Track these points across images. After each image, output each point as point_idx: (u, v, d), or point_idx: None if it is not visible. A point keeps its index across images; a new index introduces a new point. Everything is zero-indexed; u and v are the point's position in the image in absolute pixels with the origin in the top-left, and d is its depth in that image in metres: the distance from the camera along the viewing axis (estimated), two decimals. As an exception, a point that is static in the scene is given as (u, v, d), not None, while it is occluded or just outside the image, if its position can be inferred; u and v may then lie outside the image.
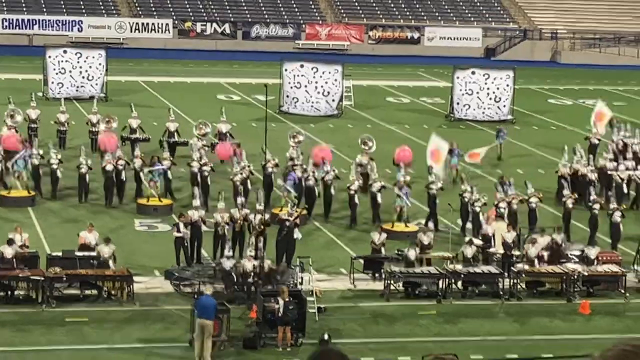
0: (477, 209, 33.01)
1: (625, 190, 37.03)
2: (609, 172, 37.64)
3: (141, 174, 35.80)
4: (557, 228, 31.11)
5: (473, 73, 53.30)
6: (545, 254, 29.60)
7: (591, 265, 29.55)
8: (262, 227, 29.04)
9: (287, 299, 24.79)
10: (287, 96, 52.48)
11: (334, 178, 35.49)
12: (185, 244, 29.52)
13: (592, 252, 29.98)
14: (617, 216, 32.41)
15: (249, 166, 35.69)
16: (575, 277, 28.71)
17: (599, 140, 42.36)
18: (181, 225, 29.47)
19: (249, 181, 35.10)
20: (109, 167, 35.52)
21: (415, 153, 39.08)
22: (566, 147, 39.31)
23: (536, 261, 29.25)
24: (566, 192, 34.42)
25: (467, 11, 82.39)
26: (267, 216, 29.89)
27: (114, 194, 35.53)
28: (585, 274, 28.95)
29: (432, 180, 34.29)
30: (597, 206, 33.18)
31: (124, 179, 35.77)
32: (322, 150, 38.52)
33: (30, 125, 42.68)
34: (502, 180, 35.04)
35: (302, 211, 31.66)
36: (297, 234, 29.98)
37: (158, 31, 76.07)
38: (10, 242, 27.80)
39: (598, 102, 46.22)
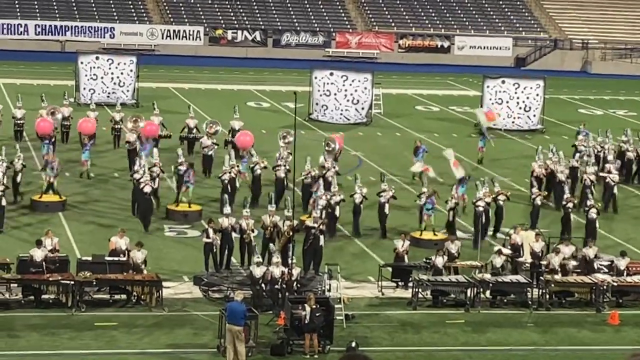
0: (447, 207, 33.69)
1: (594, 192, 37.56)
2: (585, 176, 37.87)
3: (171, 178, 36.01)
4: (589, 241, 31.00)
5: (503, 82, 53.25)
6: (570, 264, 29.47)
7: (620, 275, 29.45)
8: (290, 233, 28.99)
9: (313, 306, 24.81)
10: (317, 104, 52.58)
11: (262, 168, 36.79)
12: (215, 250, 29.55)
13: (622, 262, 29.87)
14: (592, 213, 33.43)
15: (237, 166, 36.43)
16: (605, 287, 28.62)
17: (585, 147, 42.45)
18: (210, 232, 29.53)
19: (236, 181, 35.94)
20: (147, 189, 33.46)
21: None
22: (541, 147, 40.25)
23: (560, 271, 29.15)
24: (535, 189, 35.29)
25: (497, 20, 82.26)
26: (295, 222, 29.85)
27: (151, 221, 33.84)
28: (615, 284, 28.85)
29: (479, 197, 33.80)
30: (570, 205, 34.05)
31: (158, 187, 35.85)
32: (244, 135, 38.83)
33: (63, 122, 44.11)
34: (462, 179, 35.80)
35: (326, 219, 31.63)
36: (321, 241, 29.99)
37: (189, 38, 76.40)
38: (39, 243, 27.94)
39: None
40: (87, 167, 39.08)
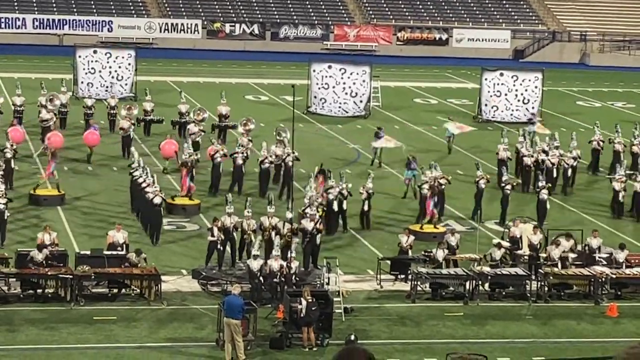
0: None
1: (555, 174, 39.10)
2: (543, 159, 39.40)
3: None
4: (592, 231, 31.06)
5: (501, 75, 53.25)
6: (570, 256, 29.54)
7: (619, 267, 29.46)
8: (290, 237, 28.80)
9: (309, 300, 24.79)
10: (315, 97, 52.56)
11: (222, 156, 37.09)
12: (219, 247, 29.29)
13: (621, 255, 29.89)
14: (543, 194, 34.63)
15: (196, 154, 36.71)
16: (603, 279, 28.63)
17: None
18: (215, 230, 29.36)
19: (193, 170, 36.19)
20: (157, 200, 32.00)
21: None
22: (506, 129, 41.95)
23: (559, 263, 29.18)
24: (479, 172, 35.90)
25: (495, 13, 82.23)
26: (295, 225, 29.73)
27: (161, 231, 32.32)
28: (613, 276, 28.86)
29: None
30: (508, 187, 35.13)
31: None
32: (169, 144, 38.93)
33: (61, 109, 45.23)
34: (411, 160, 37.22)
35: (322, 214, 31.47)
36: (318, 240, 29.82)
37: (187, 32, 76.35)
38: (41, 247, 27.81)
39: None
40: (56, 177, 35.99)
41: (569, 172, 39.34)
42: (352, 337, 24.50)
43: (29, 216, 33.89)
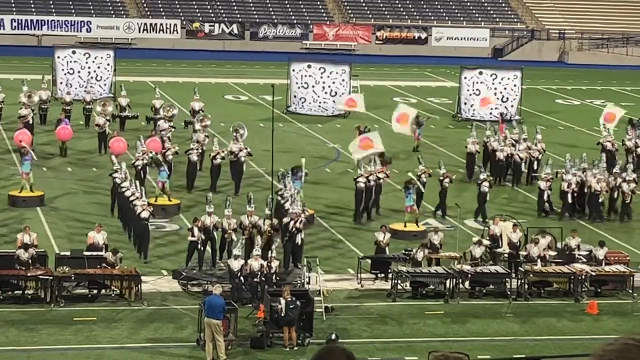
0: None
1: (523, 168, 40.19)
2: (512, 153, 40.47)
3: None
4: (572, 231, 31.13)
5: (480, 73, 53.35)
6: (547, 254, 29.62)
7: (599, 265, 29.56)
8: (270, 233, 28.82)
9: (288, 299, 24.77)
10: (295, 96, 52.54)
11: (174, 154, 37.63)
12: (200, 247, 29.20)
13: (600, 252, 30.00)
14: (484, 186, 35.26)
15: (150, 152, 36.82)
16: (583, 277, 28.73)
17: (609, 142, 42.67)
18: (195, 230, 29.29)
19: (147, 168, 36.34)
20: (145, 214, 30.49)
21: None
22: (475, 123, 43.17)
23: (539, 261, 29.25)
24: (421, 167, 36.36)
25: (474, 11, 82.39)
26: (275, 221, 29.71)
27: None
28: (593, 274, 28.96)
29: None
30: (447, 180, 35.63)
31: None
32: (117, 141, 38.86)
33: (41, 105, 45.97)
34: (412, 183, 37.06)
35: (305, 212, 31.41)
36: (298, 239, 29.82)
37: (166, 32, 76.18)
38: (27, 247, 27.69)
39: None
40: (30, 180, 35.54)
41: (535, 164, 40.05)
42: (333, 337, 24.52)
43: (8, 217, 33.72)
